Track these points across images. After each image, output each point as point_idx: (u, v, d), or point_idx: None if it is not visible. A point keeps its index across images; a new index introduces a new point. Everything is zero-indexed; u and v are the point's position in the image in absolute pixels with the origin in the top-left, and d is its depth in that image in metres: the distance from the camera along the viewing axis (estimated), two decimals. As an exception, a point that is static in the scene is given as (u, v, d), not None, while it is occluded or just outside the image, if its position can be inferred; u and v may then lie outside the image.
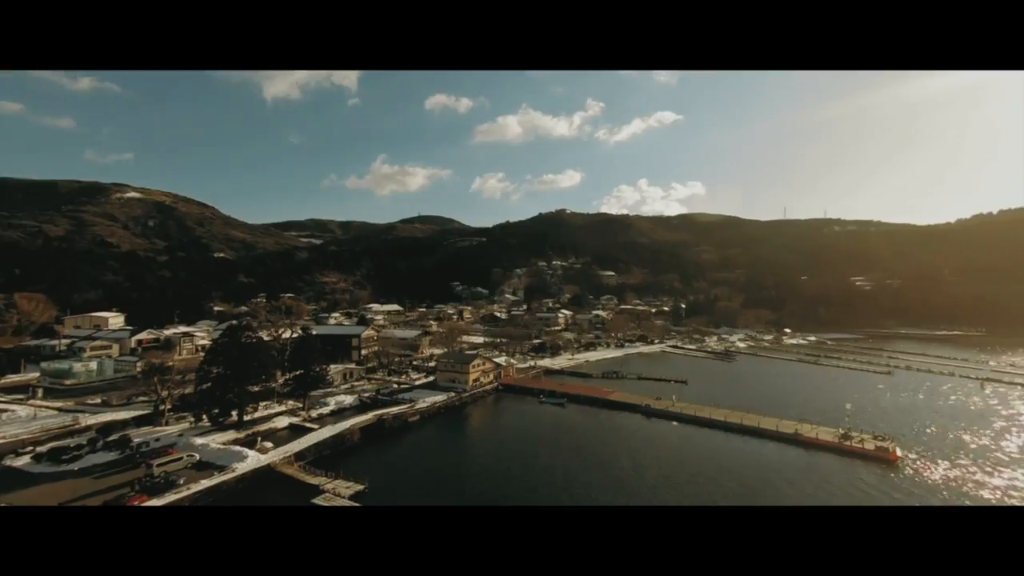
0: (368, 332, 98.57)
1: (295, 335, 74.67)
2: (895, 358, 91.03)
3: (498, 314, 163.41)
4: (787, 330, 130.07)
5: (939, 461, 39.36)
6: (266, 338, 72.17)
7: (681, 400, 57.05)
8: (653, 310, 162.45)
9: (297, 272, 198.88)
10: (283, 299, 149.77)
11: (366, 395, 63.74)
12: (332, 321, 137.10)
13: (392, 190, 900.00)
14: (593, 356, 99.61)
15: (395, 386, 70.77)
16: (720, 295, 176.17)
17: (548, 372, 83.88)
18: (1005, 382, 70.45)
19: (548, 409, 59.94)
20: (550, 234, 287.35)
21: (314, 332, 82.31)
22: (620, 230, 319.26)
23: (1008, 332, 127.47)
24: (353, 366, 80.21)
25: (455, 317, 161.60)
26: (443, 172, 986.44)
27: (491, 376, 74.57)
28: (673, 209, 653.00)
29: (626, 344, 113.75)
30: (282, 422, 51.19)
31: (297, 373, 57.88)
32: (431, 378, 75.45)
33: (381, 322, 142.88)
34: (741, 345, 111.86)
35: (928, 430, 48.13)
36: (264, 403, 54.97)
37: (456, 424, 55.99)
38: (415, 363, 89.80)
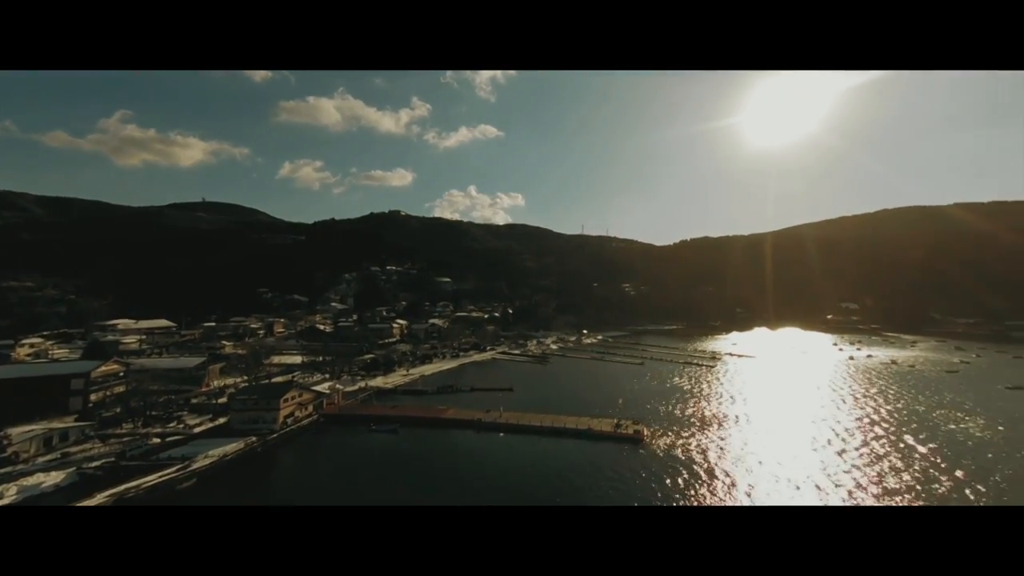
0: (108, 367, 69.42)
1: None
2: (645, 351, 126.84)
3: (321, 327, 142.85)
4: (585, 331, 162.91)
5: (670, 433, 56.45)
6: None
7: (507, 410, 63.28)
8: (486, 316, 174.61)
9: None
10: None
11: (94, 464, 44.49)
12: (26, 350, 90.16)
13: (146, 161, 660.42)
14: (429, 369, 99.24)
15: (156, 441, 52.03)
16: (539, 301, 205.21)
17: (380, 393, 78.57)
18: (694, 364, 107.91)
19: (379, 439, 56.06)
20: (384, 236, 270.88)
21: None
22: (455, 235, 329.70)
23: (695, 325, 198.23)
24: (71, 422, 54.74)
25: (262, 333, 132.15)
26: (236, 150, 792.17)
27: (310, 408, 64.30)
28: (500, 217, 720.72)
29: (461, 353, 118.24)
30: None
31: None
32: (223, 420, 59.17)
33: (135, 346, 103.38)
34: (554, 347, 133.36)
35: (661, 408, 68.47)
36: None
37: (256, 480, 45.48)
38: (196, 401, 68.52)
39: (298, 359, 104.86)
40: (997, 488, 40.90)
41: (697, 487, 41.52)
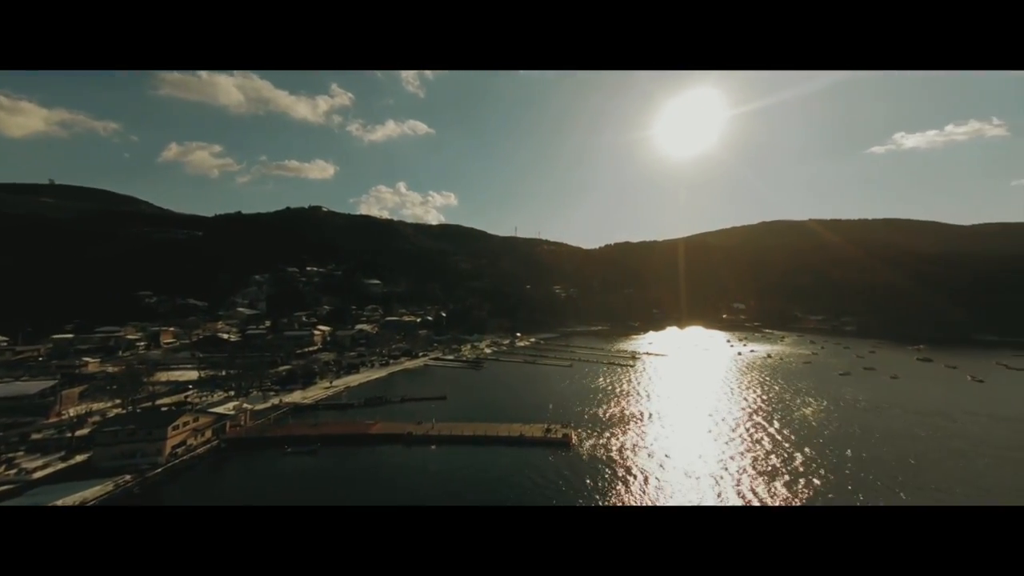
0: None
1: None
2: (574, 352, 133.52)
3: (225, 335, 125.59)
4: (518, 334, 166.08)
5: (594, 434, 59.83)
6: None
7: (440, 420, 61.99)
8: (418, 320, 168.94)
9: None
10: None
11: None
12: None
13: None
14: (356, 379, 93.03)
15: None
16: (474, 304, 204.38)
17: (298, 410, 71.63)
18: (616, 364, 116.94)
19: (294, 463, 51.07)
20: (304, 233, 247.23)
21: None
22: (385, 235, 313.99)
23: (618, 325, 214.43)
24: None
25: (143, 345, 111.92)
26: (99, 123, 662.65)
27: (208, 433, 56.21)
28: (432, 216, 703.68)
29: (391, 361, 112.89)
30: None
31: None
32: (83, 457, 48.92)
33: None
34: (488, 351, 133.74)
35: (587, 410, 72.51)
36: None
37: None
38: (40, 437, 55.47)
39: (194, 375, 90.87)
40: (809, 456, 51.51)
41: (616, 484, 44.94)
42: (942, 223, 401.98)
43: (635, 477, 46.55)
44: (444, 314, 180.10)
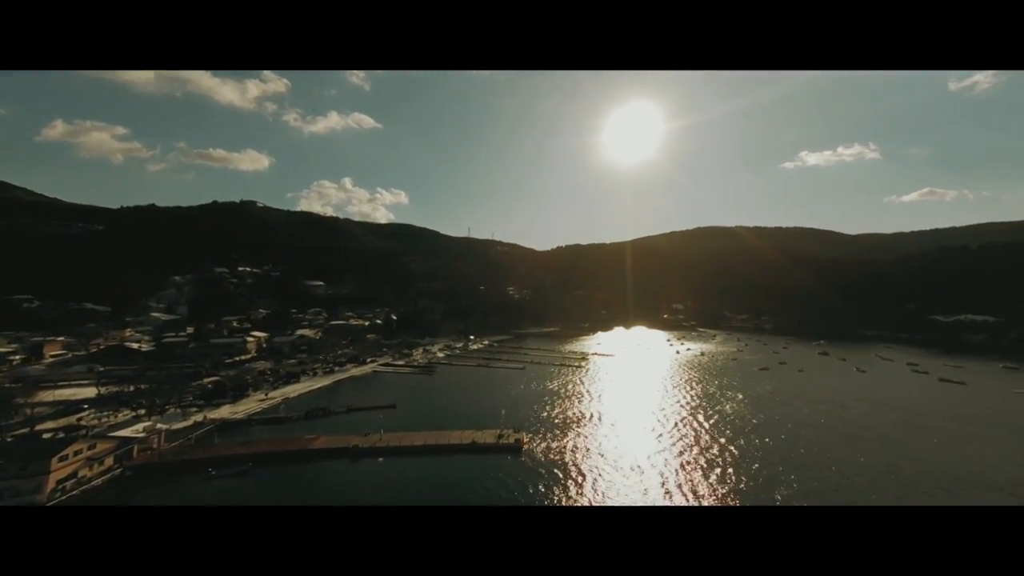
0: None
1: None
2: (527, 355, 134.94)
3: (134, 344, 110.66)
4: (472, 337, 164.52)
5: (544, 438, 60.71)
6: None
7: (388, 431, 59.57)
8: (366, 323, 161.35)
9: None
10: None
11: None
12: None
13: None
14: (295, 390, 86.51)
15: None
16: (426, 306, 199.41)
17: (226, 426, 65.00)
18: (567, 365, 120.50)
19: (220, 487, 46.15)
20: (235, 230, 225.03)
21: None
22: (329, 233, 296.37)
23: (568, 327, 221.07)
24: None
25: (17, 360, 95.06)
26: None
27: (109, 460, 49.22)
28: (381, 214, 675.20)
29: (337, 368, 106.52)
30: None
31: None
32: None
33: None
34: (440, 355, 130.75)
35: (538, 413, 73.47)
36: None
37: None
38: None
39: (91, 392, 78.75)
40: (724, 446, 56.97)
41: (564, 486, 46.09)
42: (835, 232, 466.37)
43: (581, 477, 48.10)
44: (394, 317, 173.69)
